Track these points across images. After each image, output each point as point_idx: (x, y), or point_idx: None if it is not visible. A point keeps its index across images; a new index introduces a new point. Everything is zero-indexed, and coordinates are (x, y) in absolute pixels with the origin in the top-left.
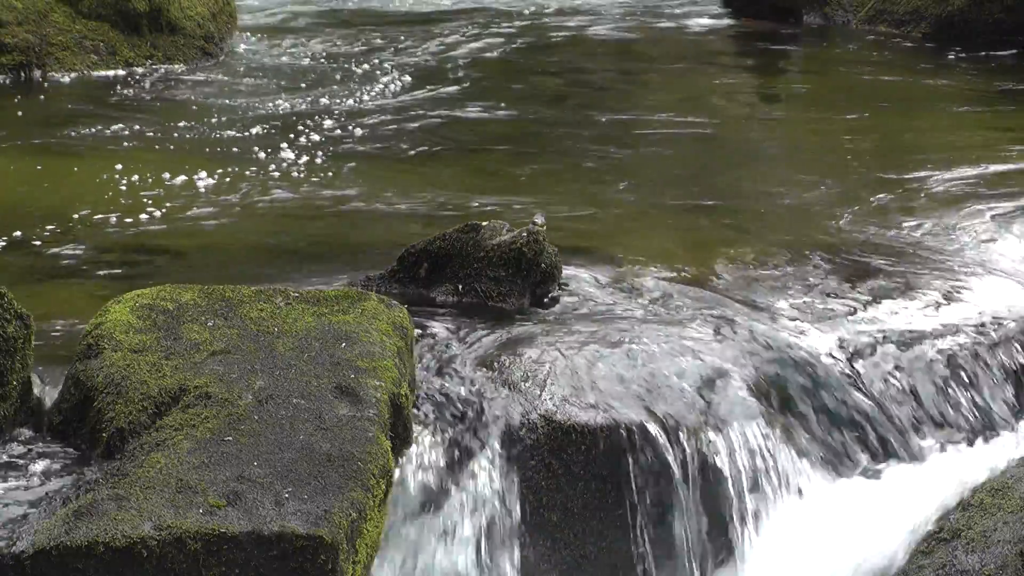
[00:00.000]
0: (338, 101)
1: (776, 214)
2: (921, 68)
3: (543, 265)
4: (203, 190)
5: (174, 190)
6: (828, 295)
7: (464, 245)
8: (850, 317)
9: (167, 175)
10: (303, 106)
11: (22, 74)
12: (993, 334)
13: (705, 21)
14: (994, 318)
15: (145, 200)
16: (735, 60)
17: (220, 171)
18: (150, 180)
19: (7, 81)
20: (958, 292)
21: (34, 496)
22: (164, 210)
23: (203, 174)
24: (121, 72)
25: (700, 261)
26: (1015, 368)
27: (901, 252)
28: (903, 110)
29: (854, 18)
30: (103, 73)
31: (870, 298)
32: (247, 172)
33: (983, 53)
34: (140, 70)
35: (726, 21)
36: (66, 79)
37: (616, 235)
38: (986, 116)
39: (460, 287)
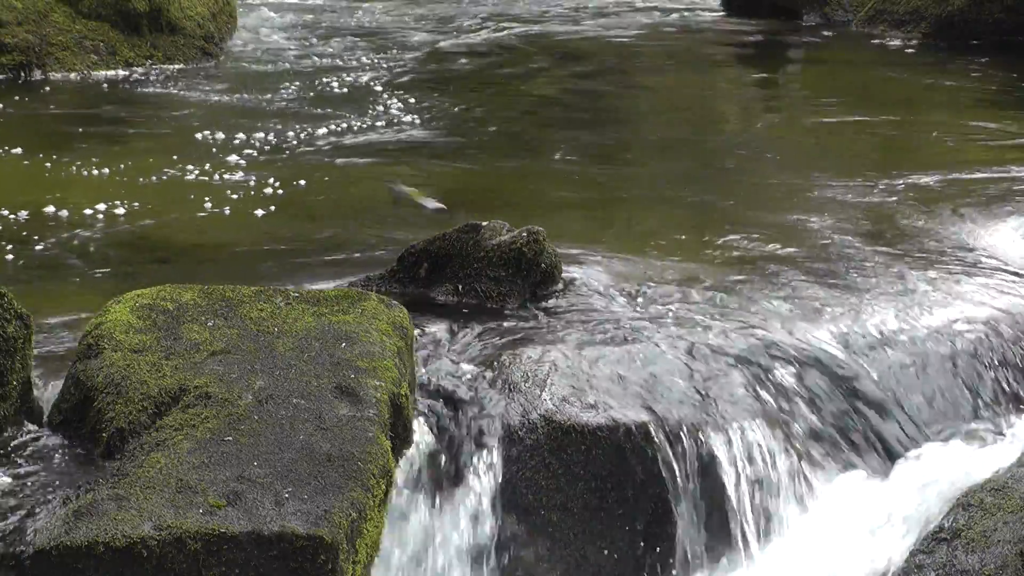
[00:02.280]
0: (337, 103)
1: (776, 215)
2: (921, 68)
3: (543, 265)
4: (202, 190)
5: (173, 190)
6: (827, 295)
7: (464, 245)
8: (849, 316)
9: (166, 175)
10: (302, 107)
11: (22, 74)
12: (992, 333)
13: (705, 22)
14: (994, 317)
15: (144, 200)
16: (735, 60)
17: (219, 171)
18: (150, 180)
19: (7, 81)
20: (957, 290)
21: (34, 496)
22: (163, 210)
23: (202, 175)
24: (121, 72)
25: (700, 261)
26: (1015, 367)
27: (902, 252)
28: (903, 111)
29: (854, 18)
30: (103, 73)
31: (869, 298)
32: (246, 172)
33: (983, 53)
34: (140, 70)
35: (726, 21)
36: (66, 79)
37: (616, 235)
38: (986, 117)
39: (460, 287)
